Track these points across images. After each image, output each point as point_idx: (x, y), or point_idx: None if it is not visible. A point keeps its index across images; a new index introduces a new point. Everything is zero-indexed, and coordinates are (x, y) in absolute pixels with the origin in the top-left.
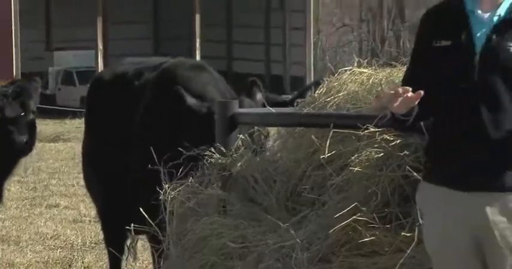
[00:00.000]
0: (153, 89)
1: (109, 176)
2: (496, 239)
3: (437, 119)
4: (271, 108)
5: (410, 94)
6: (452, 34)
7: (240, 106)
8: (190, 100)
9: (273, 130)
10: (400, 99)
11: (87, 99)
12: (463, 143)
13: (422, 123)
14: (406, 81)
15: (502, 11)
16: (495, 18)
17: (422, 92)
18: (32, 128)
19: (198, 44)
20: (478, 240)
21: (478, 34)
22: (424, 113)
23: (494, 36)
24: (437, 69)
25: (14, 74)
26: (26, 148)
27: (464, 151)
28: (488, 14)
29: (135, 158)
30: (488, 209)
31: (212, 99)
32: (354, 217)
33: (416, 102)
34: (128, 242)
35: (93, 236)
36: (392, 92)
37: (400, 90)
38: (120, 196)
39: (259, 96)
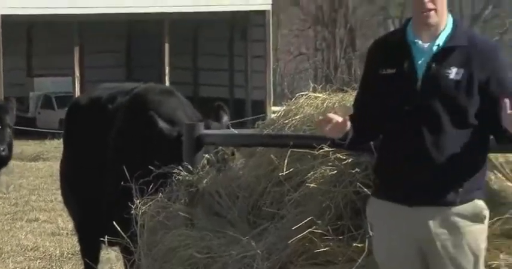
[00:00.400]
0: (125, 112)
1: (84, 193)
2: (438, 250)
3: (384, 140)
4: (234, 130)
5: (339, 120)
6: (397, 63)
7: (207, 128)
8: (162, 124)
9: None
10: (330, 125)
11: (65, 122)
12: (407, 163)
13: (372, 143)
14: (356, 106)
15: (440, 41)
16: (434, 48)
17: (348, 118)
18: (9, 141)
19: (167, 71)
20: (421, 251)
21: (420, 62)
22: (365, 137)
23: (433, 64)
24: (383, 95)
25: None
26: (4, 158)
27: (408, 170)
28: (428, 44)
29: (110, 178)
30: (430, 223)
31: (180, 122)
32: (310, 229)
33: (349, 128)
34: (103, 253)
35: (70, 248)
36: (321, 118)
37: (329, 117)
38: (95, 211)
39: (225, 119)
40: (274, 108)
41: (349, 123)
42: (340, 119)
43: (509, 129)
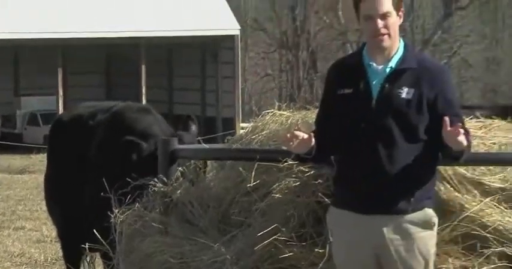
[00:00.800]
0: (105, 129)
1: (67, 203)
2: (392, 254)
3: (343, 154)
4: (205, 145)
5: (304, 136)
6: (353, 83)
7: (180, 139)
8: (141, 142)
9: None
10: (296, 141)
11: (49, 137)
12: (363, 175)
13: (332, 157)
14: (318, 124)
15: (392, 63)
16: (387, 70)
17: (312, 135)
18: None
19: (143, 91)
20: (377, 255)
21: (374, 83)
22: (327, 152)
23: (387, 85)
24: (342, 113)
25: None
26: None
27: (364, 181)
28: (382, 66)
29: (90, 190)
30: (384, 229)
31: (156, 136)
32: (275, 236)
33: (313, 143)
34: (84, 258)
35: (54, 254)
36: (288, 135)
37: (295, 134)
38: (76, 220)
39: (193, 128)
40: (242, 124)
41: (313, 139)
42: (305, 135)
43: (449, 145)
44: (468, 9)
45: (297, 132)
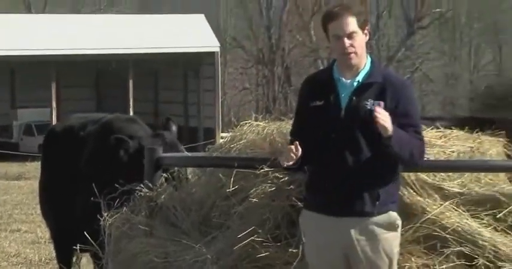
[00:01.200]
0: (96, 138)
1: (59, 208)
2: (359, 253)
3: (315, 161)
4: (188, 153)
5: (298, 150)
6: (324, 96)
7: (162, 138)
8: (127, 139)
9: (189, 170)
10: (291, 154)
11: (43, 146)
12: (332, 180)
13: None
14: (292, 134)
15: (360, 78)
16: (355, 84)
17: (300, 149)
18: None
19: (131, 103)
20: (345, 255)
21: (343, 95)
22: (303, 160)
23: (354, 97)
24: (314, 123)
25: None
26: None
27: (333, 186)
28: (350, 80)
29: (82, 195)
30: (352, 231)
31: (141, 137)
32: (252, 237)
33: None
34: (74, 259)
35: (47, 254)
36: (288, 150)
37: (291, 148)
38: (68, 223)
39: (174, 128)
40: (222, 134)
41: (300, 150)
42: (298, 149)
43: (380, 131)
44: (429, 29)
45: (291, 147)
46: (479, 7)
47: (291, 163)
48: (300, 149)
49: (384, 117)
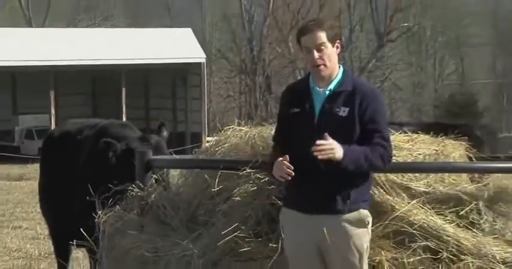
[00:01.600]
0: (92, 142)
1: (57, 206)
2: (330, 247)
3: (292, 163)
4: (176, 156)
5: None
6: (301, 104)
7: (148, 141)
8: (115, 142)
9: (177, 171)
10: (287, 172)
11: (42, 150)
12: (307, 181)
13: None
14: (275, 139)
15: (331, 86)
16: (327, 92)
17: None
18: None
19: (124, 110)
20: (319, 248)
21: (317, 103)
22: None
23: (326, 104)
24: (292, 128)
25: None
26: None
27: (308, 186)
28: (323, 89)
29: (78, 194)
30: (325, 227)
31: (130, 138)
32: (235, 233)
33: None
34: (72, 253)
35: (46, 249)
36: (282, 166)
37: (287, 165)
38: (66, 220)
39: (165, 133)
40: (208, 138)
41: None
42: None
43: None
44: (397, 42)
45: (285, 164)
46: (443, 22)
47: (283, 180)
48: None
49: (324, 150)
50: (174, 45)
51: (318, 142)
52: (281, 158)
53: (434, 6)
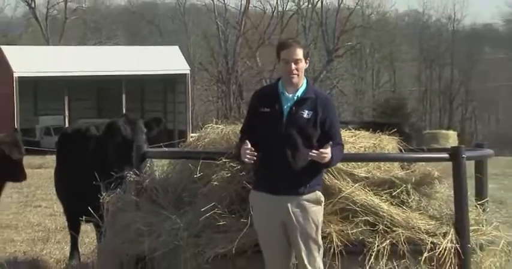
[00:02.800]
0: (99, 137)
1: (69, 189)
2: (293, 221)
3: (261, 154)
4: (165, 149)
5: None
6: (271, 105)
7: (126, 117)
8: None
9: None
10: (251, 156)
11: (58, 143)
12: (274, 169)
13: None
14: (243, 131)
15: (299, 93)
16: (295, 97)
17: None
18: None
19: (124, 111)
20: (283, 222)
21: (285, 106)
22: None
23: (294, 108)
24: (262, 126)
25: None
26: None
27: (275, 173)
28: (291, 94)
29: (87, 180)
30: (288, 205)
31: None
32: (214, 211)
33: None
34: (82, 227)
35: (61, 224)
36: (247, 150)
37: (250, 149)
38: (76, 200)
39: (154, 132)
40: (192, 134)
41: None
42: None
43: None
44: (343, 57)
45: (247, 146)
46: (380, 41)
47: (252, 161)
48: (254, 150)
49: (322, 156)
50: (165, 59)
51: (323, 150)
52: (244, 146)
53: (373, 29)
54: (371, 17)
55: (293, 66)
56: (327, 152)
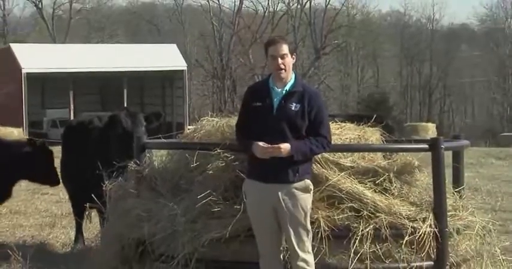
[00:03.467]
0: (103, 128)
1: (74, 178)
2: (284, 208)
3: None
4: (164, 140)
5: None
6: (262, 99)
7: (127, 110)
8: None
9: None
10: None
11: (63, 135)
12: (266, 159)
13: None
14: (238, 126)
15: (288, 87)
16: (284, 92)
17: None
18: None
19: (125, 105)
20: (274, 208)
21: (275, 100)
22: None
23: (283, 101)
24: (254, 119)
25: (24, 121)
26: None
27: (266, 163)
28: (281, 89)
29: (90, 169)
30: (279, 193)
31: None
32: (209, 198)
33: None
34: (86, 213)
35: (67, 210)
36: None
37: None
38: (81, 188)
39: (154, 124)
40: (189, 127)
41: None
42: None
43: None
44: (330, 54)
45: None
46: (364, 40)
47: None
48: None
49: (272, 151)
50: (163, 57)
51: (275, 145)
52: (258, 144)
53: (357, 28)
54: (356, 17)
55: (279, 60)
56: (280, 146)
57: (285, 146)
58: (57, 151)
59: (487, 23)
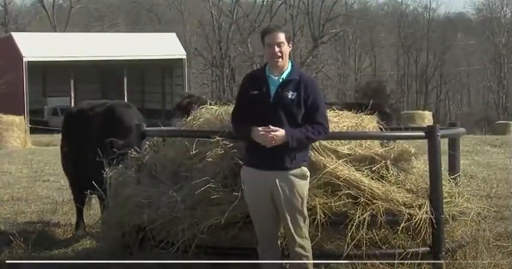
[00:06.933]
0: (101, 116)
1: (75, 165)
2: (281, 194)
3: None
4: (164, 127)
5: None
6: (259, 87)
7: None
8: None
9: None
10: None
11: (63, 123)
12: (263, 146)
13: None
14: (235, 114)
15: (284, 75)
16: (280, 80)
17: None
18: None
19: (125, 93)
20: (272, 195)
21: (272, 88)
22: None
23: (279, 89)
24: (251, 106)
25: (26, 109)
26: None
27: (264, 150)
28: (277, 77)
29: (91, 155)
30: (276, 179)
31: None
32: (208, 185)
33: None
34: (86, 200)
35: (68, 197)
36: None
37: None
38: (81, 175)
39: (175, 121)
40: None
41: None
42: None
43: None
44: (328, 43)
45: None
46: (361, 29)
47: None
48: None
49: (266, 139)
50: (163, 46)
51: (268, 133)
52: (258, 128)
53: (355, 17)
54: (353, 6)
55: (276, 48)
56: (276, 133)
57: (280, 133)
58: (58, 138)
59: (483, 11)
